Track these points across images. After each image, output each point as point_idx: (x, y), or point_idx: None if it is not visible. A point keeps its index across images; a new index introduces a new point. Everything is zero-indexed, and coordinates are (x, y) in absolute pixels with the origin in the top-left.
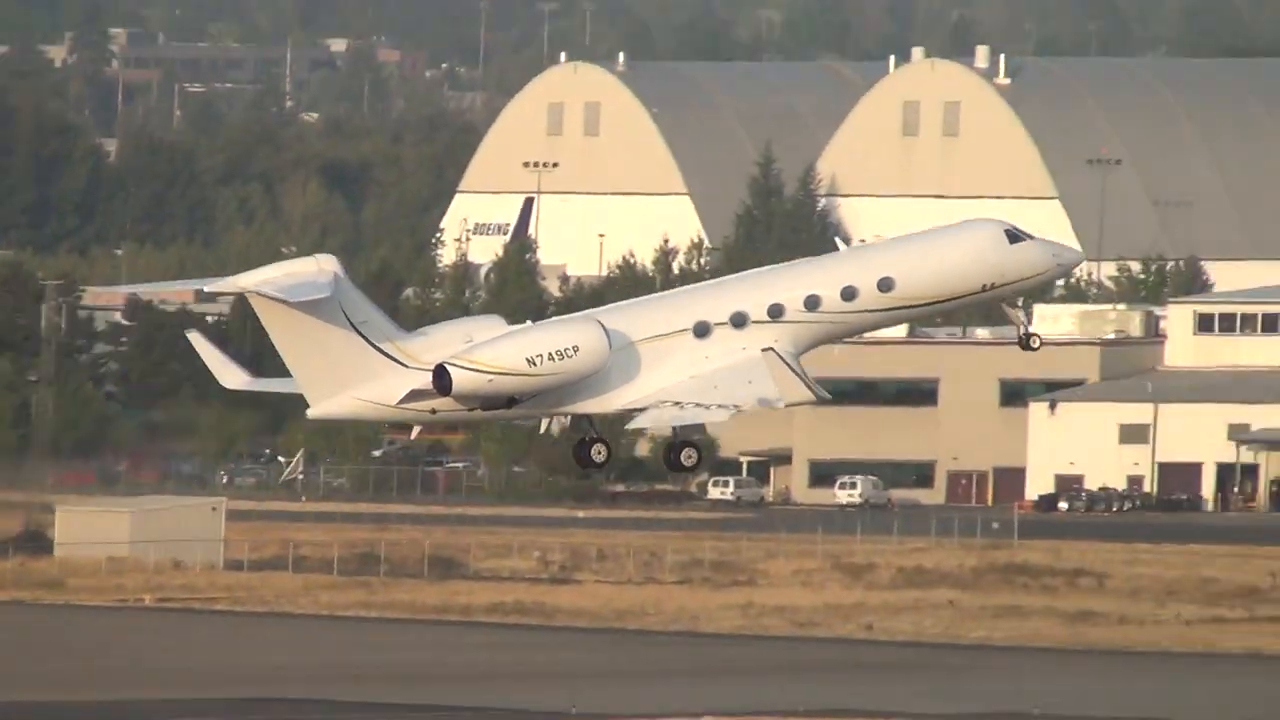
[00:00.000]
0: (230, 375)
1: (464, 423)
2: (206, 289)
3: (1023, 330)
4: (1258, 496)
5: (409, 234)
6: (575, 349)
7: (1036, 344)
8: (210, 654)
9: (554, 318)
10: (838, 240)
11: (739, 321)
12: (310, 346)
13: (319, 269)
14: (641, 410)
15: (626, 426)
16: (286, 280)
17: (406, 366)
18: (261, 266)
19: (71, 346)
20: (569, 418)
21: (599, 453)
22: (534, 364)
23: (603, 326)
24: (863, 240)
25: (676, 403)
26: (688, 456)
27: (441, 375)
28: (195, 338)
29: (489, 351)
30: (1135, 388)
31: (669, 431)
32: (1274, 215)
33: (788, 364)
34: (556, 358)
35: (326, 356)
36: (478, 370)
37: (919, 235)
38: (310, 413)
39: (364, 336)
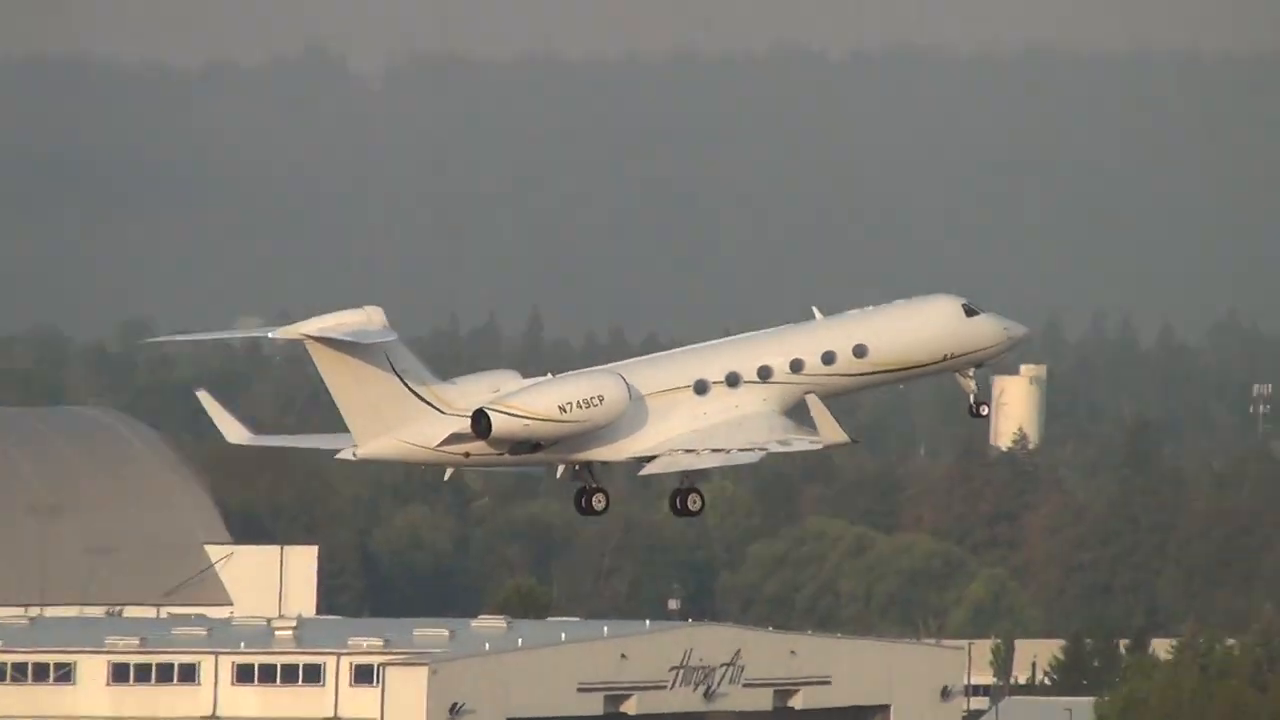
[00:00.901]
0: (234, 431)
1: (493, 466)
2: (270, 335)
3: (972, 399)
4: None
5: None
6: (601, 398)
7: (985, 412)
8: None
9: (577, 370)
10: (815, 309)
11: (733, 381)
12: (360, 391)
13: (368, 318)
14: (651, 458)
15: (641, 472)
16: (351, 326)
17: (443, 412)
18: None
19: None
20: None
21: (599, 501)
22: (565, 410)
23: (624, 379)
24: (814, 309)
25: (690, 450)
26: (693, 502)
27: (481, 419)
28: (204, 396)
29: (524, 398)
30: None
31: (675, 481)
32: None
33: (826, 409)
34: (584, 405)
35: (374, 400)
36: (514, 415)
37: (888, 307)
38: (359, 452)
39: (406, 383)
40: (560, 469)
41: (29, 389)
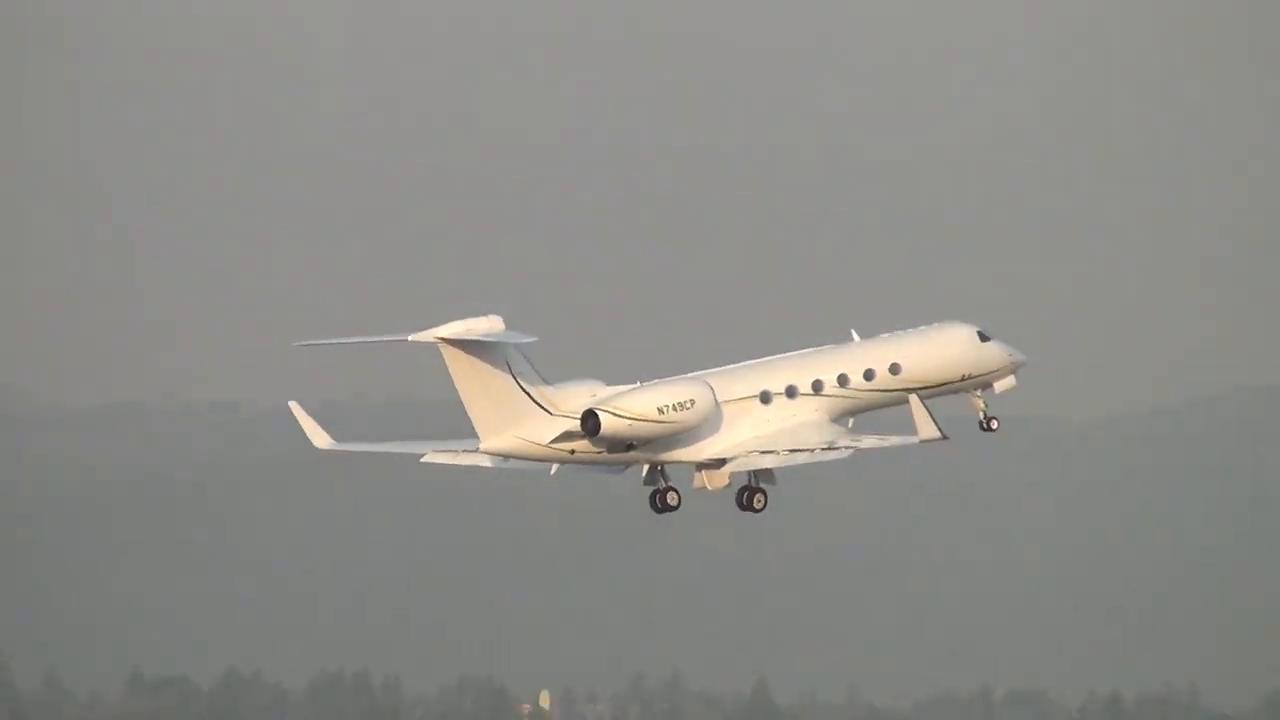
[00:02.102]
0: (319, 438)
1: (593, 462)
2: (411, 339)
3: (983, 415)
4: None
5: None
6: (692, 402)
7: (995, 426)
8: None
9: (667, 378)
10: (852, 332)
11: (791, 393)
12: (484, 391)
13: (490, 325)
14: (729, 459)
15: (723, 469)
16: (481, 330)
17: (551, 413)
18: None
19: None
20: (645, 469)
21: (673, 498)
22: (662, 412)
23: (710, 386)
24: (852, 332)
25: (770, 450)
26: (758, 500)
27: (591, 419)
28: (294, 407)
29: (628, 401)
30: None
31: (744, 480)
32: None
33: (926, 408)
34: (678, 409)
35: (495, 400)
36: (620, 415)
37: (915, 331)
38: (482, 446)
39: (521, 385)
40: (645, 468)
41: None
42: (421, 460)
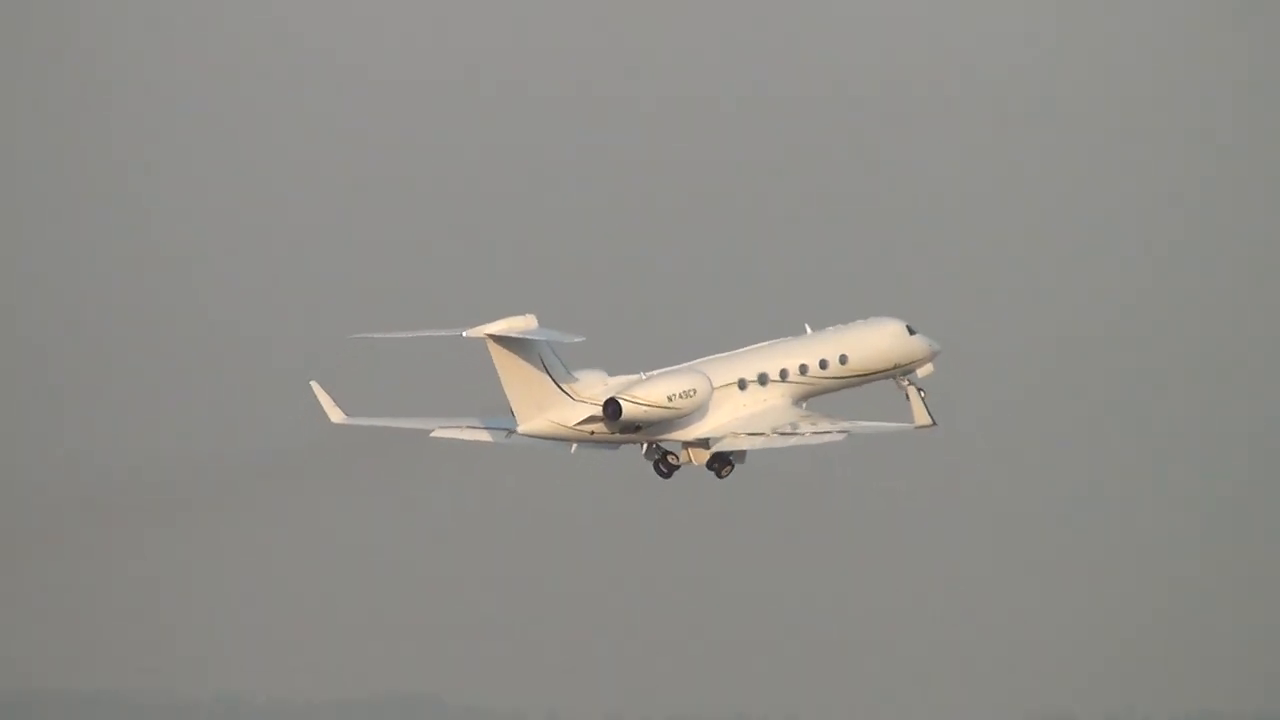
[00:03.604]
0: (336, 414)
1: (605, 442)
2: (465, 334)
3: (907, 395)
4: None
5: None
6: (694, 391)
7: (923, 393)
8: None
9: (666, 368)
10: (806, 326)
11: (763, 380)
12: (523, 381)
13: (527, 323)
14: (719, 439)
15: (713, 449)
16: (524, 328)
17: (574, 399)
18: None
19: None
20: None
21: (673, 459)
22: (670, 399)
23: (708, 376)
24: (806, 326)
25: (760, 432)
26: (725, 471)
27: (613, 405)
28: (315, 386)
29: (643, 389)
30: None
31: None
32: None
33: (921, 399)
34: (684, 397)
35: (531, 389)
36: (637, 403)
37: (855, 325)
38: (520, 428)
39: (551, 376)
40: (644, 447)
41: None
42: (430, 435)
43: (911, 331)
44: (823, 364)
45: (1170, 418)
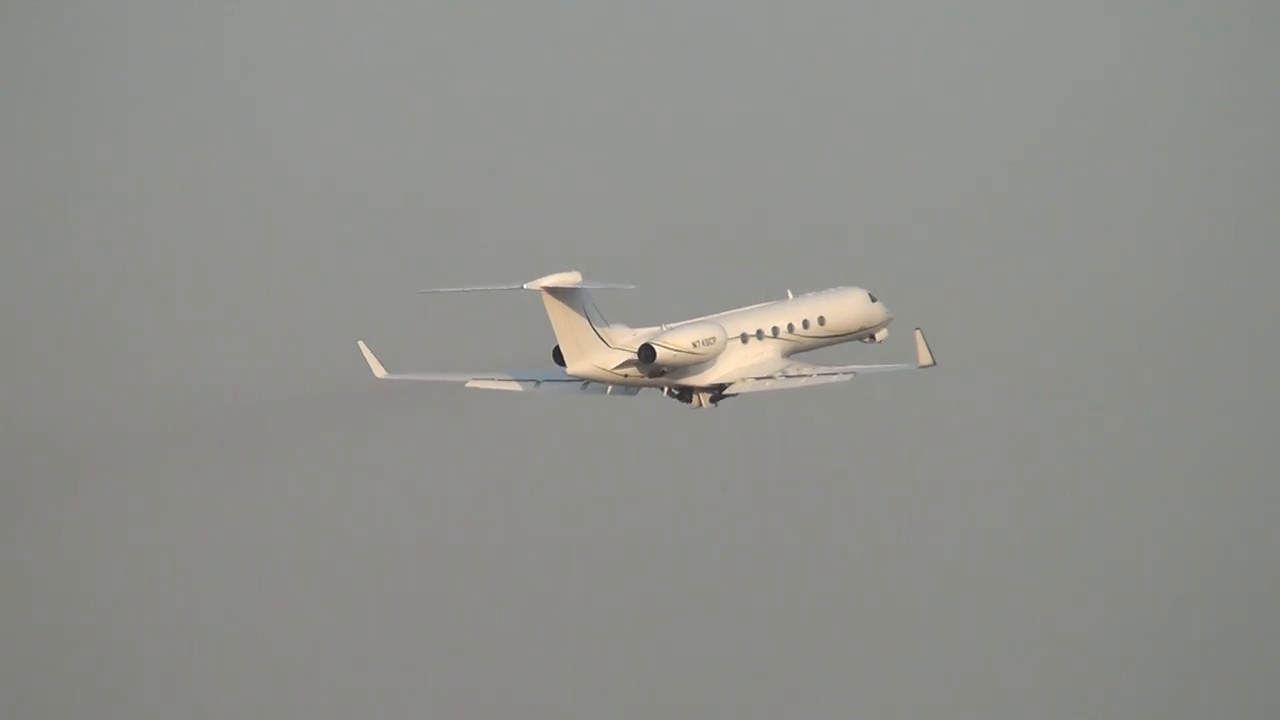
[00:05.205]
0: (379, 370)
1: (635, 384)
2: (525, 286)
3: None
4: None
5: None
6: (713, 339)
7: (880, 338)
8: None
9: (687, 320)
10: (788, 291)
11: (760, 336)
12: (571, 328)
13: (575, 278)
14: (730, 384)
15: (724, 392)
16: (574, 280)
17: (610, 346)
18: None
19: None
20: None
21: (692, 390)
22: (696, 346)
23: (723, 327)
24: (788, 291)
25: (767, 376)
26: (716, 402)
27: (647, 349)
28: (361, 345)
29: (673, 337)
30: None
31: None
32: None
33: (924, 340)
34: (706, 344)
35: (577, 335)
36: (668, 349)
37: (827, 292)
38: (569, 370)
39: (592, 324)
40: (665, 389)
41: None
42: (466, 385)
43: (873, 299)
44: (805, 324)
45: (1169, 417)
